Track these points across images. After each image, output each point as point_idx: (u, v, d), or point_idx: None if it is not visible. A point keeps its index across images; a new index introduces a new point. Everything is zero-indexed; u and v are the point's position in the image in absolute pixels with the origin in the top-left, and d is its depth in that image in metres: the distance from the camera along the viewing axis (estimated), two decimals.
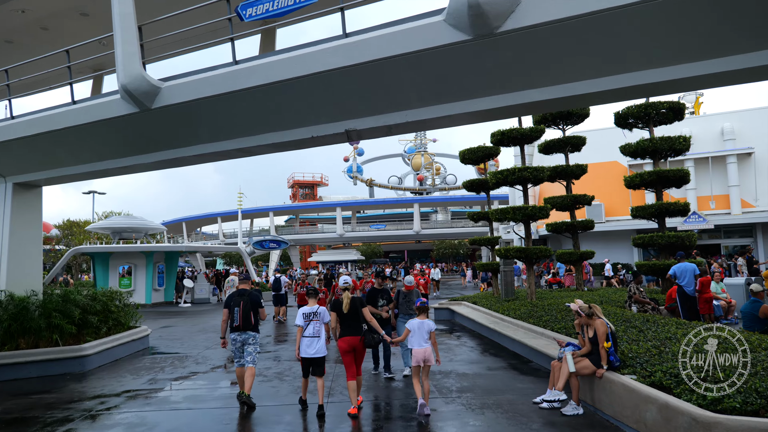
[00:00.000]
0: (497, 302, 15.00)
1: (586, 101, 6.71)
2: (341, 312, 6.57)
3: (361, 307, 6.65)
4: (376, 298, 8.25)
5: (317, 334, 6.59)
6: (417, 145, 62.65)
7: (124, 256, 24.66)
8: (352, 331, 6.55)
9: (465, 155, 18.69)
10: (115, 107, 8.16)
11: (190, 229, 59.83)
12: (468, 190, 19.28)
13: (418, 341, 6.35)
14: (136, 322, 12.96)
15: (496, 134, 15.48)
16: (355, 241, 54.31)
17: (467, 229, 49.37)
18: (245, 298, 7.15)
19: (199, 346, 12.56)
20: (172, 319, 19.47)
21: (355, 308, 6.56)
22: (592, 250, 18.26)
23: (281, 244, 32.32)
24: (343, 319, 6.59)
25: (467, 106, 6.73)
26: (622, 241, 29.61)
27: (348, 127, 7.37)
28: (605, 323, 6.05)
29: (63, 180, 10.82)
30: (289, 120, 7.62)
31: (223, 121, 8.03)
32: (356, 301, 6.65)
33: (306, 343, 6.57)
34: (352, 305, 6.56)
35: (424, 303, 6.74)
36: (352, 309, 6.54)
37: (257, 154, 8.70)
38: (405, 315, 8.42)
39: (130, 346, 11.77)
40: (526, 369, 8.84)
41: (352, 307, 6.54)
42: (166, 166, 9.56)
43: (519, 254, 14.72)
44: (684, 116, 15.99)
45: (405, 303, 8.51)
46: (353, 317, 6.56)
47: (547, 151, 18.82)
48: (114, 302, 12.02)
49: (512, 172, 14.77)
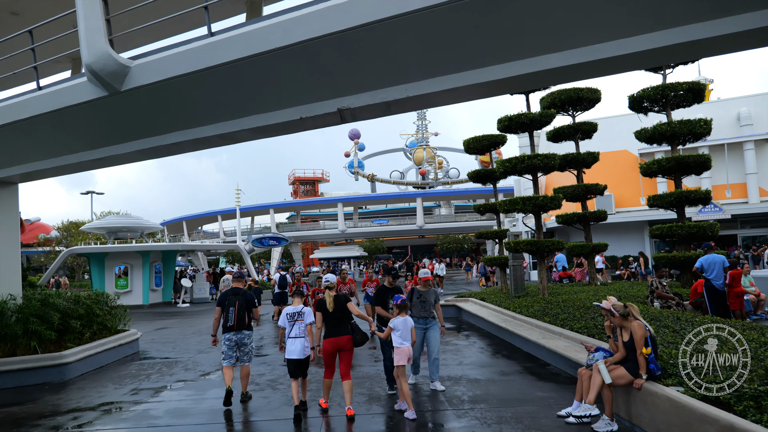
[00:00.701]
0: (507, 298, 14.16)
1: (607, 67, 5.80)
2: (326, 311, 6.33)
3: (346, 302, 6.44)
4: (387, 298, 7.21)
5: (302, 334, 6.43)
6: (419, 139, 61.73)
7: (120, 256, 23.89)
8: (340, 330, 6.29)
9: (470, 144, 17.82)
10: (83, 91, 7.34)
11: (190, 228, 59.12)
12: (474, 181, 18.42)
13: (404, 339, 6.25)
14: (125, 326, 12.20)
15: (504, 120, 14.57)
16: (357, 237, 53.49)
17: (472, 223, 48.51)
18: (240, 298, 7.04)
19: (191, 350, 11.77)
20: (168, 320, 18.72)
21: (341, 306, 6.35)
22: (605, 242, 17.38)
23: (281, 241, 31.51)
24: (329, 318, 6.32)
25: (474, 77, 5.86)
26: (632, 233, 28.69)
27: (341, 106, 6.52)
28: (643, 325, 5.19)
29: (37, 176, 10.02)
30: (273, 100, 6.77)
31: (201, 103, 7.20)
32: (340, 298, 6.43)
33: (291, 345, 6.39)
34: (337, 303, 6.34)
35: (404, 300, 6.54)
36: (337, 307, 6.33)
37: (241, 140, 7.84)
38: (421, 318, 7.22)
39: (118, 351, 10.99)
40: (545, 374, 8.00)
41: (337, 305, 6.33)
42: (144, 156, 8.73)
43: (529, 247, 13.84)
44: (704, 98, 15.06)
45: (420, 304, 7.24)
46: (339, 315, 6.32)
47: (556, 138, 17.90)
48: (99, 305, 11.25)
49: (521, 160, 13.89)
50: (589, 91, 16.99)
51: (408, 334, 6.28)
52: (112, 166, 9.33)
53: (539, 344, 8.75)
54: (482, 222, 47.53)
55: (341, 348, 6.25)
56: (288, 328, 6.46)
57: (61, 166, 9.25)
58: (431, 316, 7.28)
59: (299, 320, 6.46)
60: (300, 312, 6.51)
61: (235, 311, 6.96)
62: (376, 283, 11.17)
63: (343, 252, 48.30)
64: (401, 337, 6.22)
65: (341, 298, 6.43)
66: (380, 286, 7.51)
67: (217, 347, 7.84)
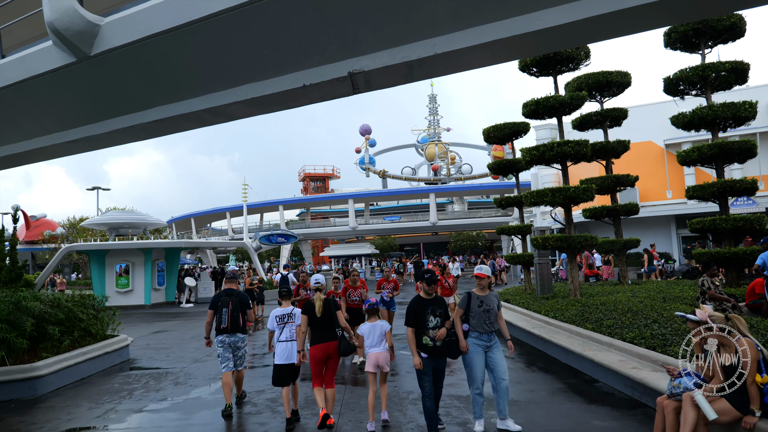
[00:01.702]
0: (534, 300, 12.89)
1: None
2: (313, 315, 5.86)
3: (335, 309, 5.97)
4: (425, 314, 5.29)
5: (293, 337, 6.18)
6: (430, 135, 60.33)
7: (121, 253, 22.89)
8: (327, 336, 5.84)
9: (490, 133, 16.53)
10: (48, 57, 6.20)
11: (199, 225, 58.22)
12: (494, 173, 17.14)
13: (372, 345, 5.80)
14: (114, 330, 11.08)
15: (530, 104, 13.23)
16: (368, 234, 52.22)
17: (486, 219, 47.19)
18: (233, 299, 6.77)
19: (186, 358, 10.62)
20: (168, 321, 17.64)
21: (329, 311, 5.90)
22: (636, 237, 16.04)
23: (290, 238, 30.38)
24: (316, 323, 5.86)
25: (519, 26, 4.61)
26: (658, 228, 27.19)
27: (353, 69, 5.29)
28: (755, 345, 3.92)
29: (10, 162, 8.90)
30: (270, 64, 5.57)
31: (186, 71, 6.01)
32: (330, 303, 5.98)
33: (281, 349, 6.12)
34: (326, 308, 5.88)
35: (373, 305, 6.02)
36: (325, 312, 5.86)
37: (235, 116, 6.62)
38: (484, 334, 5.49)
39: (103, 360, 9.86)
40: (595, 393, 6.72)
41: (325, 310, 5.87)
42: (126, 137, 7.54)
43: (559, 243, 12.54)
44: (748, 78, 13.64)
45: (483, 314, 5.46)
46: (327, 321, 5.86)
47: (583, 126, 16.58)
48: (82, 308, 10.12)
49: (550, 147, 12.58)
50: (618, 74, 15.66)
51: (378, 339, 5.78)
52: (92, 149, 8.19)
53: (585, 357, 7.47)
54: (497, 218, 46.19)
55: (330, 355, 5.83)
56: (277, 331, 6.21)
57: (35, 150, 8.12)
58: (495, 329, 5.61)
59: (290, 322, 6.22)
60: (290, 314, 6.27)
61: (229, 312, 6.67)
62: (394, 284, 9.88)
63: (354, 250, 47.02)
64: (370, 344, 5.80)
65: (331, 304, 5.97)
66: (414, 298, 5.56)
67: (213, 356, 7.82)
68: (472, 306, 5.52)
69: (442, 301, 5.50)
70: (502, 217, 46.14)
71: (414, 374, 5.96)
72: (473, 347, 5.48)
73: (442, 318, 5.34)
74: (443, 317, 5.35)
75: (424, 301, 5.38)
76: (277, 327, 6.21)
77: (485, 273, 5.60)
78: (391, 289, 9.67)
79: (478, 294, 5.58)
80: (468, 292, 5.68)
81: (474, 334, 5.50)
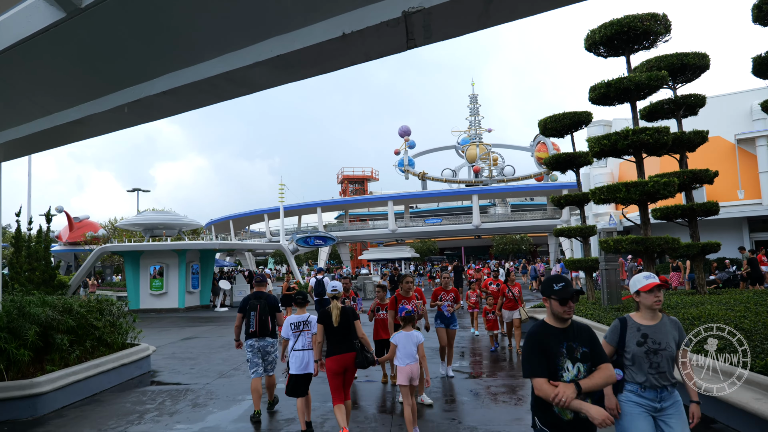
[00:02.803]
0: (603, 312, 11.21)
1: None
2: (330, 325, 5.47)
3: (353, 319, 5.57)
4: (558, 355, 2.97)
5: (309, 346, 5.89)
6: (471, 136, 58.65)
7: (155, 255, 22.23)
8: (344, 347, 5.44)
9: (547, 124, 14.94)
10: (35, 15, 5.11)
11: (238, 228, 58.01)
12: (551, 168, 15.50)
13: (405, 357, 5.48)
14: (135, 338, 10.05)
15: (599, 87, 11.58)
16: (408, 237, 50.74)
17: (532, 222, 45.17)
18: (262, 302, 6.62)
19: (211, 371, 9.49)
20: (199, 327, 16.72)
21: (347, 320, 5.51)
22: (716, 241, 14.10)
23: (328, 240, 29.30)
24: (332, 333, 5.48)
25: None
26: (728, 231, 24.75)
27: (408, 7, 3.95)
28: None
29: (13, 150, 7.94)
30: (300, 4, 4.27)
31: (196, 24, 4.79)
32: (348, 312, 5.58)
33: (296, 358, 5.82)
34: (344, 317, 5.49)
35: (410, 312, 5.62)
36: (343, 321, 5.47)
37: (257, 83, 5.30)
38: (649, 389, 3.35)
39: (119, 373, 8.82)
40: None
41: (343, 320, 5.48)
42: (134, 117, 6.33)
43: (635, 246, 10.87)
44: None
45: (650, 356, 3.34)
46: (344, 331, 5.47)
47: (653, 116, 14.73)
48: (97, 314, 9.11)
49: (623, 135, 10.93)
50: (695, 56, 13.80)
51: (412, 350, 5.48)
52: (99, 132, 7.10)
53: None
54: (543, 221, 44.11)
55: (347, 368, 5.46)
56: (292, 339, 5.92)
57: (37, 134, 7.08)
58: (671, 382, 3.39)
59: (305, 330, 5.95)
60: (306, 321, 6.00)
61: (257, 316, 6.53)
62: (454, 294, 8.25)
63: (394, 253, 45.58)
64: (404, 356, 5.48)
65: (348, 312, 5.57)
66: (539, 325, 3.14)
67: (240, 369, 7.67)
68: (628, 344, 3.41)
69: (585, 332, 3.10)
70: (549, 220, 43.99)
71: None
72: (631, 409, 3.38)
73: (588, 362, 3.02)
74: (590, 361, 3.02)
75: (556, 333, 3.04)
76: (292, 335, 5.93)
77: (655, 282, 3.38)
78: (452, 301, 8.10)
79: (644, 324, 3.43)
80: (623, 317, 3.56)
81: (633, 387, 3.42)
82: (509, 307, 10.36)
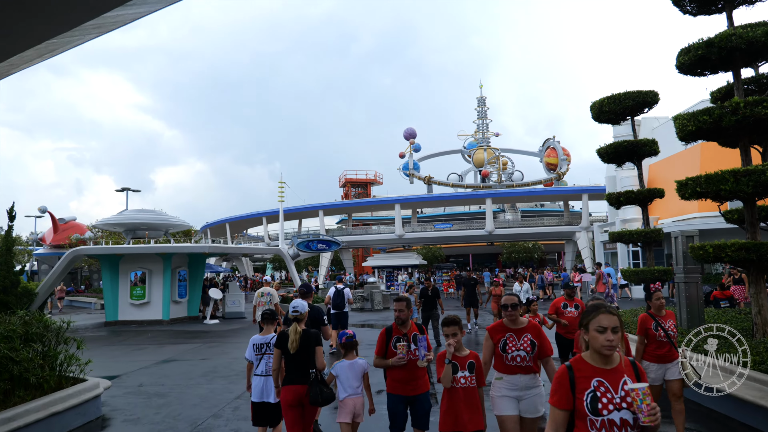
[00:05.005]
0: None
1: None
2: (286, 350, 4.64)
3: (315, 344, 4.72)
4: None
5: (270, 372, 5.10)
6: (478, 140, 56.37)
7: (137, 259, 19.56)
8: (298, 377, 4.61)
9: (603, 106, 12.39)
10: None
11: (235, 231, 55.27)
12: (607, 160, 12.89)
13: (349, 387, 4.64)
14: (81, 372, 7.38)
15: (696, 47, 8.92)
16: (416, 243, 48.00)
17: (545, 228, 42.72)
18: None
19: (183, 417, 6.84)
20: (183, 345, 14.04)
21: (307, 346, 4.66)
22: None
23: (332, 245, 26.67)
24: (289, 360, 4.65)
25: None
26: None
27: None
28: None
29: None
30: None
31: None
32: (310, 336, 4.72)
33: (256, 383, 5.17)
34: (303, 342, 4.64)
35: (351, 338, 4.75)
36: (302, 347, 4.62)
37: None
38: None
39: (48, 426, 6.17)
40: None
41: (303, 345, 4.63)
42: None
43: (744, 254, 8.24)
44: None
45: None
46: (301, 359, 4.63)
47: (730, 95, 12.13)
48: (17, 342, 6.43)
49: (733, 109, 8.30)
50: None
51: (354, 380, 4.65)
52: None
53: None
54: (557, 228, 41.62)
55: (303, 402, 4.58)
56: (255, 362, 5.28)
57: None
58: None
59: (268, 353, 5.23)
60: (268, 343, 5.28)
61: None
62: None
63: (399, 260, 42.78)
64: (344, 387, 4.65)
65: (311, 337, 4.73)
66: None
67: (222, 416, 6.38)
68: None
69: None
70: (565, 227, 41.49)
71: None
72: None
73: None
74: None
75: None
76: (255, 358, 5.32)
77: None
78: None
79: None
80: None
81: None
82: (658, 356, 5.51)
